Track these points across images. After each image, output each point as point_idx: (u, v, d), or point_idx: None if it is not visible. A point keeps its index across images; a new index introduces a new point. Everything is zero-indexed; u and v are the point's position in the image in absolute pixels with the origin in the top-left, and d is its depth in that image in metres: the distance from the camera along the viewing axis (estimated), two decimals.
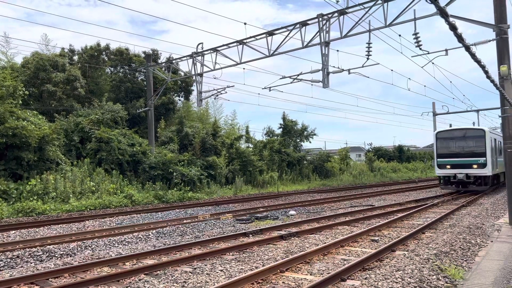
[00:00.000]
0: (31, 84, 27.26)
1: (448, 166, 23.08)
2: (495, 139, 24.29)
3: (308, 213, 16.85)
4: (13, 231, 13.20)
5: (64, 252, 9.82)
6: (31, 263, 9.04)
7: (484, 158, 22.16)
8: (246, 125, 40.33)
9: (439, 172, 23.68)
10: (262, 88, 24.06)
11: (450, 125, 29.67)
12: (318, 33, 17.79)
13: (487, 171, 22.12)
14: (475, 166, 22.27)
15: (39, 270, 7.96)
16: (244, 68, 24.77)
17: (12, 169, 19.55)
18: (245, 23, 19.60)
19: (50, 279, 7.37)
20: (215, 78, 26.89)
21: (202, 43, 23.00)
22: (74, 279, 7.35)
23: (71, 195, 19.98)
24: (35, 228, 13.91)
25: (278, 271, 7.40)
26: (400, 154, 62.98)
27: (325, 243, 10.10)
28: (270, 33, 19.57)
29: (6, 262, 8.87)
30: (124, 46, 34.92)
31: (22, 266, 8.73)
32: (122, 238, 11.33)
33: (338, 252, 9.17)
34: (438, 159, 23.65)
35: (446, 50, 16.78)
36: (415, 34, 16.03)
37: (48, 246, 10.20)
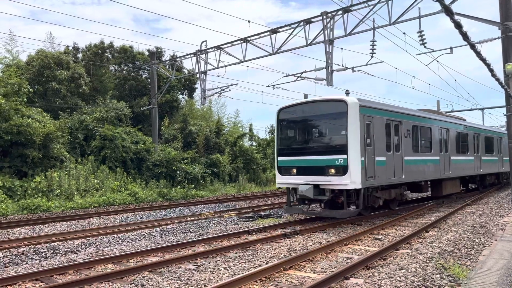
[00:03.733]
0: (35, 82, 27.36)
1: (294, 171, 13.04)
2: (386, 121, 13.53)
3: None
4: (18, 228, 13.28)
5: (69, 249, 9.87)
6: (35, 259, 9.10)
7: (345, 157, 11.82)
8: (250, 123, 40.38)
9: (281, 181, 13.48)
10: (266, 86, 23.99)
11: (306, 96, 19.03)
12: (322, 31, 17.74)
13: (349, 182, 11.72)
14: (331, 170, 12.10)
15: (43, 267, 8.00)
16: (247, 66, 24.78)
17: (17, 166, 19.66)
18: (249, 21, 19.57)
19: (54, 275, 7.42)
20: (218, 76, 26.90)
21: (206, 41, 23.01)
22: (78, 276, 7.39)
23: (75, 193, 20.07)
24: (40, 225, 13.99)
25: (282, 269, 7.41)
26: None
27: (328, 241, 10.10)
28: (274, 31, 19.53)
29: (11, 259, 8.93)
30: (128, 44, 34.99)
31: (27, 263, 8.79)
32: (126, 236, 11.38)
33: (342, 251, 9.17)
34: (279, 158, 13.60)
35: (451, 48, 16.68)
36: (420, 32, 15.96)
37: (52, 243, 10.26)
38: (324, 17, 17.61)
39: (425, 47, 16.13)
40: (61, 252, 9.70)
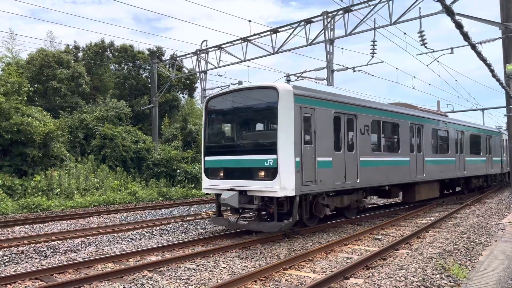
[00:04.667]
0: (36, 81, 27.37)
1: (221, 173, 10.89)
2: (335, 114, 11.34)
3: None
4: (18, 227, 13.28)
5: (68, 248, 9.88)
6: (35, 258, 9.10)
7: (275, 157, 9.78)
8: None
9: (207, 185, 11.27)
10: None
11: (240, 82, 18.20)
12: (323, 31, 17.73)
13: (278, 188, 9.60)
14: (261, 173, 9.99)
15: (43, 266, 8.01)
16: (248, 66, 24.79)
17: (17, 165, 19.66)
18: (249, 21, 19.56)
19: (54, 274, 7.42)
20: (219, 76, 27.00)
21: (206, 40, 22.99)
22: (78, 275, 7.39)
23: (75, 192, 20.08)
24: (40, 224, 13.99)
25: (281, 268, 7.41)
26: None
27: (328, 241, 10.10)
28: (275, 31, 19.52)
29: (11, 258, 8.93)
30: (129, 43, 34.94)
31: (26, 262, 8.79)
32: (126, 235, 11.38)
33: (341, 251, 9.17)
34: (205, 158, 11.42)
35: (452, 49, 16.69)
36: (420, 32, 15.95)
37: (52, 242, 10.26)
38: (325, 17, 17.61)
39: (425, 47, 16.12)
40: (60, 251, 9.70)
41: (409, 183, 15.20)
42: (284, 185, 9.61)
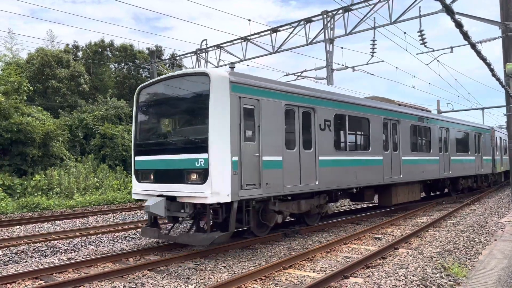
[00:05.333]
0: (35, 80, 27.38)
1: (152, 176, 9.42)
2: (287, 106, 10.01)
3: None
4: (18, 226, 13.29)
5: (68, 248, 9.88)
6: (35, 258, 9.10)
7: (206, 156, 8.35)
8: None
9: (137, 190, 9.74)
10: None
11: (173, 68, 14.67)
12: (323, 30, 17.73)
13: (209, 193, 8.14)
14: (192, 176, 8.56)
15: (43, 265, 8.01)
16: (248, 65, 24.76)
17: (16, 164, 19.67)
18: (249, 20, 19.56)
19: (54, 274, 7.42)
20: None
21: (206, 39, 22.98)
22: (78, 274, 7.39)
23: (75, 191, 20.08)
24: (40, 223, 14.00)
25: (281, 268, 7.41)
26: None
27: (328, 240, 10.10)
28: (274, 30, 19.51)
29: (11, 257, 8.93)
30: (128, 43, 34.98)
31: (26, 261, 8.79)
32: (126, 234, 11.38)
33: (341, 250, 9.17)
34: (136, 158, 9.92)
35: (451, 48, 16.69)
36: (420, 31, 15.94)
37: (52, 241, 10.27)
38: (325, 16, 17.60)
39: (425, 46, 16.12)
40: (60, 250, 9.70)
41: (384, 185, 13.76)
42: (216, 189, 8.10)
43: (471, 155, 20.77)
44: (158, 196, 8.84)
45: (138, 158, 9.79)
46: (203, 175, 8.26)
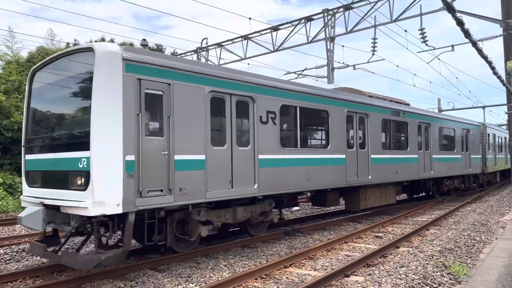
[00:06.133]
0: None
1: (39, 178, 7.65)
2: (213, 94, 8.29)
3: (312, 208, 16.85)
4: (19, 225, 13.30)
5: (69, 246, 9.88)
6: (36, 256, 9.11)
7: (88, 155, 6.48)
8: None
9: (27, 196, 7.84)
10: None
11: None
12: (323, 29, 17.71)
13: (91, 202, 6.28)
14: (76, 180, 6.69)
15: (44, 264, 8.01)
16: (248, 64, 24.74)
17: (17, 163, 19.69)
18: (250, 18, 19.54)
19: (55, 273, 7.42)
20: None
21: (206, 38, 22.97)
22: (79, 273, 7.40)
23: None
24: None
25: (282, 266, 7.42)
26: None
27: (328, 239, 10.11)
28: (275, 28, 19.49)
29: (12, 256, 8.94)
30: (129, 41, 34.89)
31: (27, 260, 8.80)
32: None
33: (342, 248, 9.17)
34: (26, 156, 8.21)
35: (452, 46, 16.67)
36: (421, 29, 15.93)
37: None
38: (325, 14, 17.58)
39: (426, 44, 16.11)
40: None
41: (349, 188, 12.27)
42: (100, 198, 6.33)
43: (457, 154, 18.95)
44: (40, 204, 7.13)
45: (28, 156, 8.06)
46: (85, 179, 6.48)
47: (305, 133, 10.71)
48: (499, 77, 12.91)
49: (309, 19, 18.25)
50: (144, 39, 8.38)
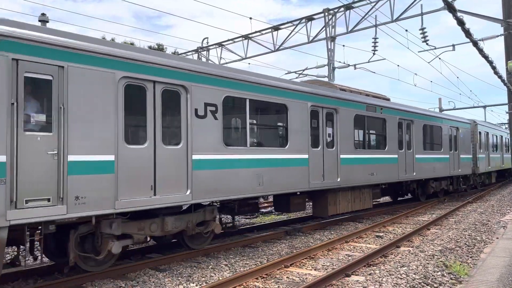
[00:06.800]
0: None
1: None
2: (127, 81, 6.86)
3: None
4: None
5: None
6: (37, 256, 9.12)
7: None
8: None
9: None
10: None
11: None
12: (324, 28, 17.72)
13: None
14: None
15: (45, 263, 8.02)
16: (249, 63, 24.77)
17: None
18: (250, 18, 19.56)
19: (56, 272, 7.43)
20: None
21: (207, 38, 23.03)
22: (80, 273, 7.40)
23: None
24: None
25: (283, 266, 7.42)
26: None
27: (329, 238, 10.11)
28: (276, 28, 19.50)
29: (13, 255, 8.95)
30: (130, 41, 34.93)
31: (27, 259, 8.80)
32: None
33: (343, 248, 9.17)
34: None
35: (453, 46, 16.67)
36: (422, 29, 15.94)
37: None
38: (326, 14, 17.59)
39: (427, 44, 16.12)
40: None
41: (316, 191, 11.03)
42: None
43: (444, 153, 17.41)
44: None
45: None
46: None
47: (257, 130, 9.49)
48: (500, 77, 12.91)
49: (309, 18, 18.25)
50: (43, 14, 6.59)
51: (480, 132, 21.81)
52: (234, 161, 8.42)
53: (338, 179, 11.21)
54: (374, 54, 17.58)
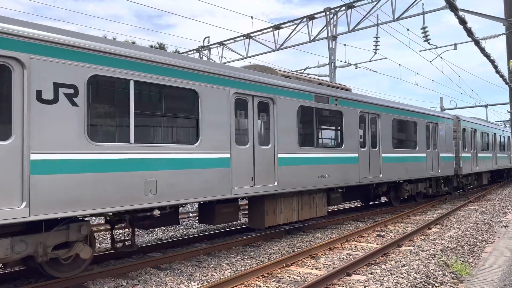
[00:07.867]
0: None
1: None
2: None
3: None
4: None
5: None
6: None
7: None
8: None
9: None
10: None
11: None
12: (325, 27, 17.70)
13: None
14: None
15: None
16: (250, 63, 24.74)
17: None
18: (251, 17, 19.56)
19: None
20: None
21: (208, 37, 23.01)
22: (80, 272, 7.41)
23: None
24: None
25: (284, 265, 7.42)
26: None
27: (330, 237, 10.11)
28: (277, 27, 19.49)
29: None
30: (131, 40, 34.97)
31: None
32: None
33: (344, 247, 9.17)
34: None
35: (455, 45, 16.64)
36: (424, 28, 15.91)
37: None
38: (327, 13, 17.57)
39: (428, 43, 16.09)
40: None
41: (251, 198, 9.48)
42: None
43: (421, 152, 15.27)
44: None
45: None
46: None
47: (148, 122, 7.08)
48: (501, 76, 12.88)
49: (311, 17, 18.24)
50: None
51: (464, 129, 19.51)
52: (107, 162, 6.29)
53: (275, 183, 9.19)
54: (375, 53, 17.57)
